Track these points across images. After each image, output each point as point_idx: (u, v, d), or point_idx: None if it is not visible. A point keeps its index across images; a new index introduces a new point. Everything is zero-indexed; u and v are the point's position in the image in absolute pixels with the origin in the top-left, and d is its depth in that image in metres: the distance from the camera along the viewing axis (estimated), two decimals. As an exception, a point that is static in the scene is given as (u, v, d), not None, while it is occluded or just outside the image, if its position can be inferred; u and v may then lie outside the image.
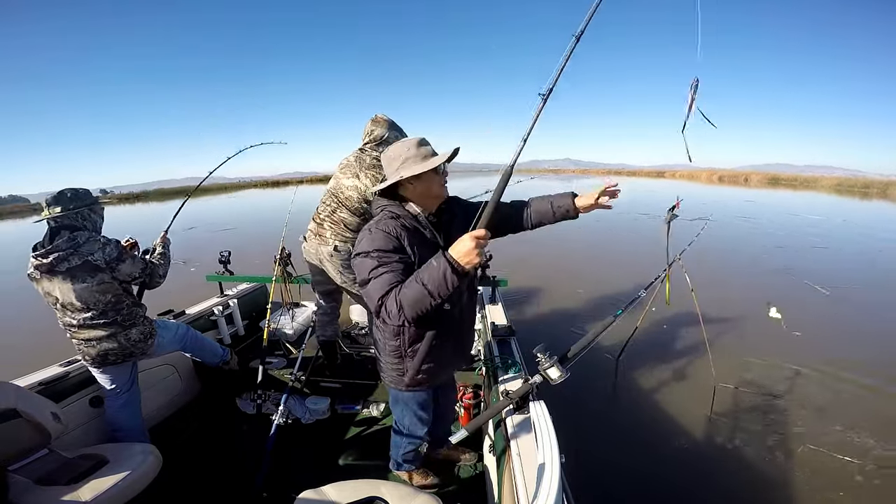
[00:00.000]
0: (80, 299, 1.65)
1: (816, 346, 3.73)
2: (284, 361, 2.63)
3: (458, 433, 1.43)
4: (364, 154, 2.07)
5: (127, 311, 1.78)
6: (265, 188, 49.20)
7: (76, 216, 1.66)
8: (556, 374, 1.29)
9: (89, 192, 1.73)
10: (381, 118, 2.08)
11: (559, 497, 0.98)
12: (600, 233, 9.80)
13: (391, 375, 1.43)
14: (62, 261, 1.58)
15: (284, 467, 1.99)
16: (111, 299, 1.71)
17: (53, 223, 1.64)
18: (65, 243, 1.59)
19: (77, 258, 1.60)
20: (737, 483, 2.23)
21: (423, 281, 1.05)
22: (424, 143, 1.24)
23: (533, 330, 4.15)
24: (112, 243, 1.70)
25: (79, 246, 1.60)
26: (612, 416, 2.86)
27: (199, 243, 9.70)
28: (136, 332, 1.81)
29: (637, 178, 54.15)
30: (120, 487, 1.41)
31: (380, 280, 1.11)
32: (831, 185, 31.20)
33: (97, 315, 1.69)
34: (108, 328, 1.72)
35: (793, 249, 7.75)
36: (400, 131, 2.10)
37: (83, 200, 1.69)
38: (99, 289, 1.66)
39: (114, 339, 1.74)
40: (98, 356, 1.75)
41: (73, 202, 1.66)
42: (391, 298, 1.08)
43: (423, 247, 1.21)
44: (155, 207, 25.16)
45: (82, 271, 1.62)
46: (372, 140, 2.06)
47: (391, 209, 1.25)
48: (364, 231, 1.21)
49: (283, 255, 2.72)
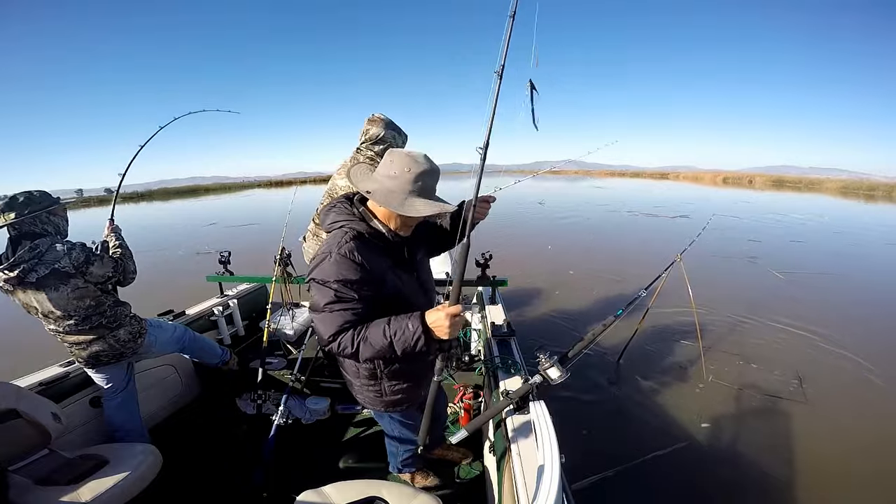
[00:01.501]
0: (59, 307, 1.57)
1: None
2: (284, 362, 2.63)
3: (458, 433, 1.43)
4: (359, 154, 2.04)
5: (110, 312, 1.72)
6: (269, 188, 49.21)
7: (34, 221, 1.53)
8: (556, 374, 1.29)
9: (47, 194, 1.58)
10: (377, 117, 2.05)
11: (559, 497, 0.98)
12: (601, 233, 9.81)
13: (367, 396, 1.35)
14: (29, 272, 1.48)
15: (284, 467, 1.99)
16: (91, 303, 1.64)
17: (12, 231, 1.51)
18: (27, 254, 1.47)
19: (43, 268, 1.49)
20: (736, 482, 2.23)
21: (392, 337, 0.99)
22: (430, 175, 1.08)
23: (533, 330, 4.14)
24: (77, 247, 1.59)
25: (42, 255, 1.49)
26: (613, 415, 2.85)
27: (225, 237, 10.67)
28: (124, 332, 1.76)
29: (641, 179, 54.18)
30: (120, 487, 1.41)
31: (335, 316, 1.03)
32: (836, 187, 31.00)
33: (80, 321, 1.63)
34: (94, 332, 1.68)
35: (766, 243, 8.50)
36: (398, 131, 2.07)
37: (39, 204, 1.54)
38: (75, 295, 1.58)
39: (102, 341, 1.71)
40: (90, 358, 1.73)
41: (28, 206, 1.51)
42: (347, 337, 1.02)
43: (389, 270, 1.12)
44: (159, 206, 25.20)
45: (53, 279, 1.53)
46: (368, 139, 2.02)
47: (354, 227, 1.09)
48: (324, 254, 1.06)
49: (283, 255, 2.72)
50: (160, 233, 12.36)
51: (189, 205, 25.66)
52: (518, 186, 2.17)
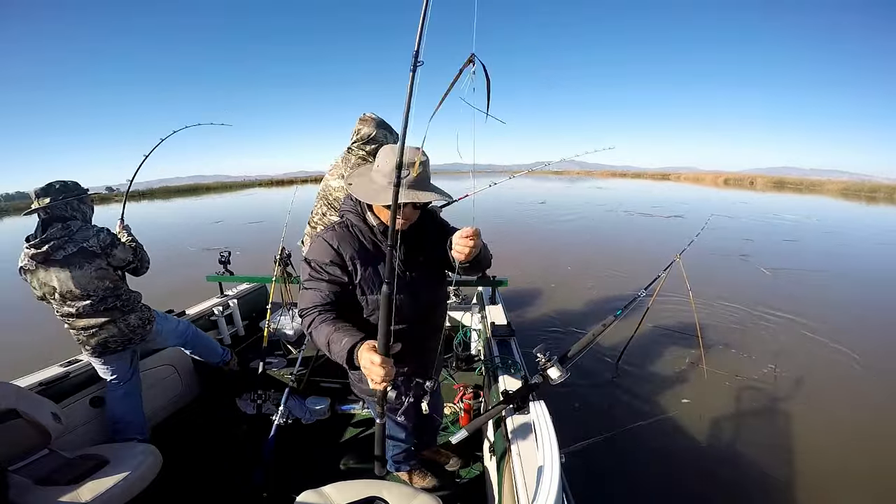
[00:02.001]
0: (80, 286, 1.66)
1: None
2: (284, 361, 2.63)
3: (458, 433, 1.43)
4: (350, 154, 2.02)
5: (126, 296, 1.81)
6: (270, 187, 49.24)
7: (66, 206, 1.67)
8: (556, 374, 1.29)
9: (78, 184, 1.73)
10: (368, 116, 2.03)
11: (559, 497, 0.98)
12: (601, 232, 9.81)
13: (361, 388, 1.40)
14: (58, 249, 1.59)
15: (284, 467, 1.99)
16: (109, 285, 1.74)
17: (44, 214, 1.64)
18: (58, 231, 1.60)
19: (72, 245, 1.62)
20: (736, 481, 2.23)
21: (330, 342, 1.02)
22: (403, 166, 0.91)
23: (533, 330, 4.15)
24: (105, 230, 1.73)
25: (73, 234, 1.62)
26: (613, 415, 2.85)
27: (230, 235, 10.72)
28: (135, 317, 1.83)
29: (642, 179, 54.20)
30: (120, 487, 1.41)
31: (306, 295, 1.13)
32: (838, 189, 30.92)
33: (97, 302, 1.71)
34: (107, 314, 1.75)
35: (758, 242, 8.89)
36: (389, 130, 2.05)
37: (72, 191, 1.69)
38: (97, 275, 1.68)
39: (113, 325, 1.77)
40: (98, 345, 1.77)
41: (63, 192, 1.66)
42: (307, 320, 1.10)
43: (370, 263, 1.17)
44: (160, 205, 25.20)
45: (79, 258, 1.64)
46: (360, 139, 2.00)
47: (350, 217, 1.21)
48: (315, 235, 1.21)
49: (283, 255, 2.72)
50: (169, 230, 12.42)
51: (191, 203, 25.80)
52: (520, 187, 2.18)
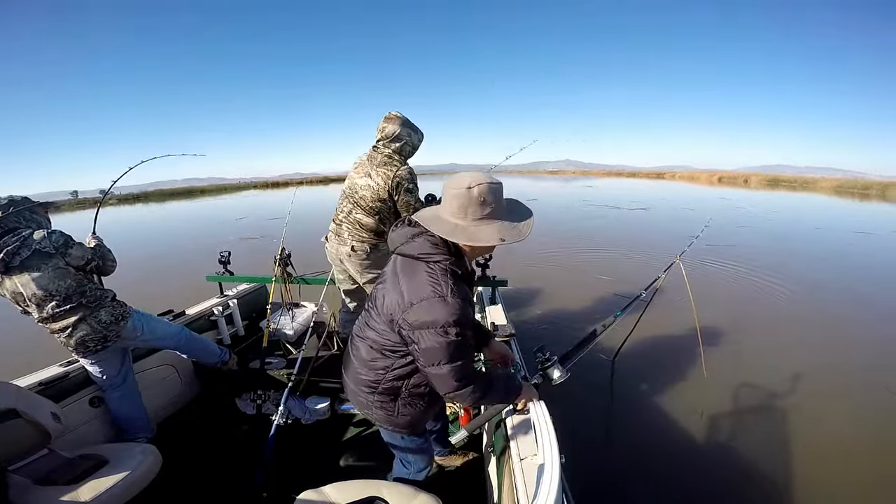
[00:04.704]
0: (41, 287, 1.68)
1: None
2: (284, 362, 2.62)
3: (458, 433, 1.43)
4: (376, 152, 2.08)
5: (91, 293, 1.81)
6: (265, 189, 49.18)
7: (17, 219, 1.71)
8: (556, 374, 1.29)
9: (28, 199, 1.79)
10: (393, 115, 2.08)
11: (559, 497, 0.98)
12: (601, 232, 9.81)
13: (378, 415, 1.25)
14: (13, 255, 1.62)
15: (284, 467, 1.99)
16: (72, 283, 1.74)
17: None
18: (10, 239, 1.64)
19: (26, 250, 1.64)
20: (735, 480, 2.23)
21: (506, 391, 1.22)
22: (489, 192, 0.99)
23: (533, 330, 4.15)
24: (57, 232, 1.75)
25: (25, 239, 1.65)
26: (613, 415, 2.86)
27: (258, 227, 12.26)
28: (105, 313, 1.83)
29: (637, 178, 54.24)
30: (120, 487, 1.41)
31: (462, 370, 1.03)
32: (831, 186, 30.99)
33: (61, 301, 1.72)
34: (75, 312, 1.76)
35: (758, 243, 8.81)
36: (414, 129, 2.10)
37: (21, 205, 1.74)
38: (56, 274, 1.70)
39: (84, 323, 1.77)
40: (78, 344, 1.79)
41: (11, 206, 1.71)
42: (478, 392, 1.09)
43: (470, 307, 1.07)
44: (155, 209, 25.15)
45: (36, 260, 1.66)
46: (384, 137, 2.06)
47: (452, 265, 1.03)
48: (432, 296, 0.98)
49: (283, 255, 2.73)
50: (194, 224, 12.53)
51: (202, 204, 26.03)
52: (517, 185, 2.19)
